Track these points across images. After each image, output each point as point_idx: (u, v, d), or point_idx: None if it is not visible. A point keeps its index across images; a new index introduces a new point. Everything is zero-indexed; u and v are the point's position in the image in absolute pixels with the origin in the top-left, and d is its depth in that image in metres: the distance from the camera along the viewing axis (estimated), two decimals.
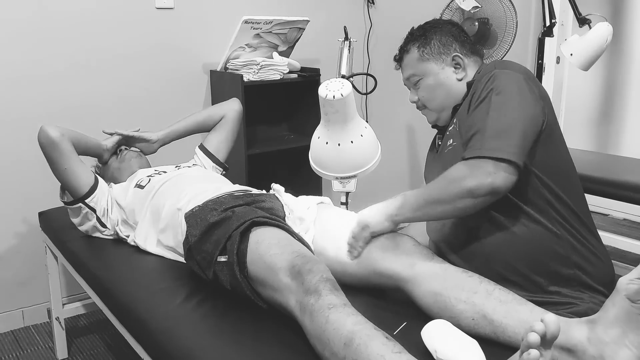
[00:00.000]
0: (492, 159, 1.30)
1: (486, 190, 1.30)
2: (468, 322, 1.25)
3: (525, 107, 1.36)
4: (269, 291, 1.32)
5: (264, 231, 1.42)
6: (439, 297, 1.30)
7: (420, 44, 1.61)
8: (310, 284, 1.20)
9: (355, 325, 1.10)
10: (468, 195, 1.31)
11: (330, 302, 1.16)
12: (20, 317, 2.51)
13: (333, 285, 1.20)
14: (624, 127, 3.71)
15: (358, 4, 3.20)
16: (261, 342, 1.25)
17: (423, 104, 1.65)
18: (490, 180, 1.29)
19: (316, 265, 1.25)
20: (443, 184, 1.35)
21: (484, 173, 1.29)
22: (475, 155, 1.32)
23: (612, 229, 3.47)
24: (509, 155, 1.30)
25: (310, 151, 1.75)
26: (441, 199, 1.34)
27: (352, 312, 1.15)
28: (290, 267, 1.26)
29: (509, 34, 2.56)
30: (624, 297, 1.06)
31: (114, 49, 2.53)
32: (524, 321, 1.18)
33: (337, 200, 1.85)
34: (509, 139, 1.32)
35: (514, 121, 1.34)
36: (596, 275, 1.42)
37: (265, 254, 1.34)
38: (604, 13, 3.40)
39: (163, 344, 1.31)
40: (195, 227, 1.53)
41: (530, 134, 1.35)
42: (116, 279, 1.63)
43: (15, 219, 2.43)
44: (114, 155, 2.10)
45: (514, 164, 1.30)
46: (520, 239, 1.40)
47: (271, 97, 2.95)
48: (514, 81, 1.40)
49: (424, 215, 1.39)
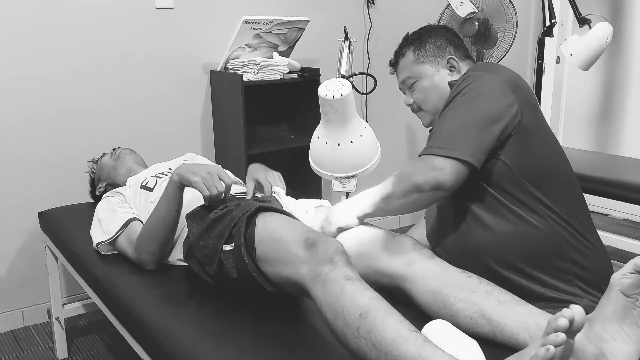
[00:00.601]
0: (440, 156, 1.35)
1: (431, 186, 1.34)
2: (467, 320, 1.25)
3: (485, 108, 1.39)
4: (277, 266, 1.32)
5: (271, 215, 1.43)
6: (437, 296, 1.30)
7: (415, 47, 1.65)
8: (325, 254, 1.21)
9: (372, 299, 1.12)
10: (415, 190, 1.36)
11: (346, 273, 1.17)
12: (20, 317, 2.51)
13: (348, 260, 1.22)
14: (623, 127, 3.71)
15: (358, 4, 3.20)
16: (261, 342, 1.25)
17: (418, 107, 1.67)
18: (434, 175, 1.33)
19: (330, 239, 1.27)
20: (396, 179, 1.41)
21: (430, 168, 1.34)
22: (426, 153, 1.38)
23: (612, 229, 3.47)
24: (457, 153, 1.34)
25: (310, 151, 1.75)
26: (394, 194, 1.40)
27: (367, 287, 1.16)
28: (304, 240, 1.27)
29: (509, 34, 2.56)
30: (618, 291, 1.07)
31: (113, 49, 2.53)
32: (522, 322, 1.19)
33: (337, 200, 1.84)
34: (462, 138, 1.36)
35: (469, 121, 1.38)
36: (593, 271, 1.43)
37: (274, 231, 1.35)
38: (604, 13, 3.41)
39: (163, 344, 1.31)
40: (195, 225, 1.53)
41: (488, 134, 1.37)
42: (116, 279, 1.63)
43: (15, 219, 2.43)
44: (107, 154, 2.13)
45: (463, 161, 1.34)
46: (512, 236, 1.41)
47: (271, 97, 2.95)
48: (483, 83, 1.42)
49: (381, 210, 1.45)
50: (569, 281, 1.41)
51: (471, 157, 1.34)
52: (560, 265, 1.41)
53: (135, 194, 1.85)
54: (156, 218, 1.61)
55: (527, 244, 1.41)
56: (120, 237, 1.71)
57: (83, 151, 2.48)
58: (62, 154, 2.47)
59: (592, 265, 1.43)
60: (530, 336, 1.17)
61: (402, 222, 3.56)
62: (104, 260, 1.75)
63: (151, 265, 1.64)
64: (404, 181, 1.38)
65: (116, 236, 1.71)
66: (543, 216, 1.41)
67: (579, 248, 1.43)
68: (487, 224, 1.44)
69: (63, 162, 2.47)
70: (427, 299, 1.32)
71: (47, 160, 2.45)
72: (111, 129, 2.57)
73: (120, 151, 2.10)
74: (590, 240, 1.46)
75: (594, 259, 1.44)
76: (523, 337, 1.18)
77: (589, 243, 1.45)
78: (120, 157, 2.08)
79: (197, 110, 2.80)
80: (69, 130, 2.48)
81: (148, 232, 1.61)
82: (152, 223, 1.61)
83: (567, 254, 1.41)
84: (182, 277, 1.61)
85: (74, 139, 2.50)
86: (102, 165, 2.13)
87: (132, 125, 2.63)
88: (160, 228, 1.60)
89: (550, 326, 0.96)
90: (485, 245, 1.44)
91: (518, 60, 3.75)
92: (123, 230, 1.71)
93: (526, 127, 1.42)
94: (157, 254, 1.62)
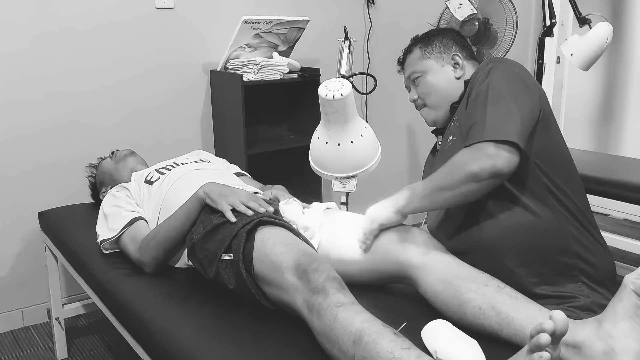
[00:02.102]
0: (492, 142, 1.31)
1: (489, 173, 1.30)
2: (475, 311, 1.25)
3: (520, 97, 1.39)
4: (275, 290, 1.33)
5: (270, 230, 1.42)
6: (448, 285, 1.31)
7: (422, 44, 1.69)
8: (317, 283, 1.20)
9: (363, 323, 1.11)
10: (472, 180, 1.32)
11: (337, 300, 1.16)
12: (20, 318, 2.51)
13: (340, 284, 1.21)
14: (624, 127, 3.71)
15: (358, 4, 3.20)
16: (261, 342, 1.25)
17: (422, 102, 1.68)
18: (492, 163, 1.30)
19: (322, 264, 1.26)
20: (447, 170, 1.37)
21: (486, 156, 1.30)
22: (476, 141, 1.34)
23: (612, 229, 3.47)
24: (509, 136, 1.31)
25: (310, 151, 1.75)
26: (446, 185, 1.35)
27: (360, 309, 1.15)
28: (296, 266, 1.27)
29: (509, 34, 2.56)
30: (631, 290, 1.09)
31: (113, 49, 2.53)
32: (531, 317, 1.19)
33: (337, 200, 1.84)
34: (509, 123, 1.34)
35: (511, 109, 1.36)
36: (597, 266, 1.43)
37: (270, 253, 1.34)
38: (604, 13, 3.40)
39: (163, 344, 1.31)
40: (199, 224, 1.53)
41: (528, 121, 1.37)
42: (116, 279, 1.63)
43: (15, 219, 2.43)
44: (107, 158, 2.12)
45: (515, 145, 1.31)
46: (520, 229, 1.41)
47: (271, 97, 2.94)
48: (509, 74, 1.44)
49: (431, 203, 1.40)
50: (573, 277, 1.41)
51: (521, 142, 1.32)
52: (566, 260, 1.41)
53: (140, 188, 1.85)
54: (169, 226, 1.59)
55: (534, 237, 1.41)
56: (124, 235, 1.71)
57: (83, 151, 2.48)
58: (62, 154, 2.47)
59: (596, 261, 1.44)
60: None
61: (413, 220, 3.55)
62: (104, 260, 1.75)
63: (151, 269, 1.63)
64: (456, 171, 1.33)
65: (120, 234, 1.71)
66: (551, 208, 1.41)
67: (585, 243, 1.43)
68: (494, 214, 1.43)
69: (63, 162, 2.47)
70: (437, 287, 1.33)
71: (47, 160, 2.45)
72: (111, 129, 2.57)
73: (119, 152, 2.09)
74: (595, 235, 1.47)
75: (598, 255, 1.45)
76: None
77: (594, 238, 1.46)
78: (122, 160, 2.07)
79: (197, 110, 2.80)
80: (69, 130, 2.48)
81: (157, 237, 1.61)
82: (164, 230, 1.60)
83: (573, 249, 1.41)
84: (182, 278, 1.60)
85: (74, 139, 2.49)
86: (103, 170, 2.11)
87: (132, 126, 2.63)
88: (171, 237, 1.59)
89: (533, 342, 0.96)
90: (491, 237, 1.44)
91: (518, 60, 3.71)
92: (127, 228, 1.71)
93: (546, 117, 1.43)
94: (160, 259, 1.62)
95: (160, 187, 1.78)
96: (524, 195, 1.41)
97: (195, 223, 1.57)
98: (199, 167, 1.87)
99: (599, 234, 1.50)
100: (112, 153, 2.12)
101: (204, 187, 1.57)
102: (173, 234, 1.59)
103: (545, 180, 1.42)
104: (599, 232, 1.51)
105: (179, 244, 1.61)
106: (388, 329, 1.10)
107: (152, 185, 1.81)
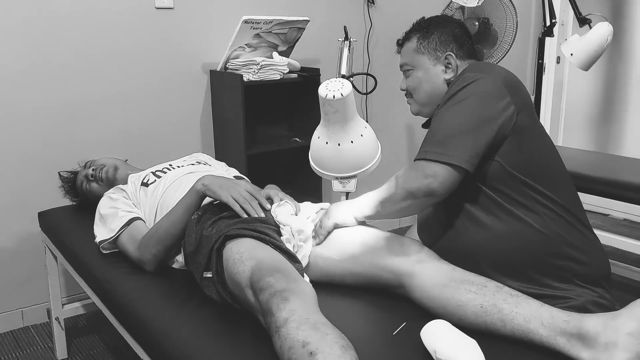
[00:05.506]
0: (433, 162, 1.36)
1: (424, 193, 1.37)
2: (476, 309, 1.25)
3: (481, 111, 1.40)
4: (249, 309, 1.32)
5: (233, 246, 1.39)
6: (446, 288, 1.31)
7: (420, 35, 1.66)
8: (264, 304, 1.18)
9: (307, 338, 1.06)
10: (409, 197, 1.39)
11: (283, 317, 1.11)
12: (19, 318, 2.51)
13: (283, 296, 1.16)
14: (624, 127, 3.71)
15: (358, 4, 3.20)
16: (261, 343, 1.25)
17: (410, 94, 1.70)
18: (427, 183, 1.36)
19: (265, 278, 1.22)
20: (391, 184, 1.44)
21: (423, 175, 1.36)
22: (419, 158, 1.40)
23: (612, 229, 3.47)
24: (450, 158, 1.35)
25: (310, 151, 1.74)
26: (389, 198, 1.44)
27: (303, 321, 1.09)
28: (250, 285, 1.25)
29: (509, 34, 2.56)
30: None
31: (113, 49, 2.53)
32: (535, 311, 1.20)
33: (337, 200, 1.84)
34: (456, 142, 1.37)
35: (464, 125, 1.39)
36: (591, 265, 1.44)
37: (232, 272, 1.33)
38: (604, 13, 3.41)
39: (162, 344, 1.30)
40: (191, 235, 1.54)
41: (483, 138, 1.38)
42: (116, 279, 1.63)
43: (15, 219, 2.43)
44: (93, 182, 2.03)
45: (456, 167, 1.35)
46: (508, 236, 1.42)
47: (271, 97, 2.94)
48: (479, 85, 1.43)
49: (378, 213, 1.48)
50: (566, 279, 1.41)
51: (465, 163, 1.35)
52: (558, 263, 1.41)
53: (136, 190, 1.85)
54: (168, 222, 1.59)
55: (524, 243, 1.41)
56: (123, 235, 1.71)
57: (83, 151, 2.48)
58: (62, 154, 2.47)
59: (589, 260, 1.44)
60: (543, 324, 1.17)
61: (402, 223, 3.55)
62: (104, 260, 1.75)
63: (151, 267, 1.63)
64: (398, 187, 1.41)
65: (118, 234, 1.71)
66: (540, 214, 1.42)
67: (576, 244, 1.43)
68: (483, 223, 1.44)
69: (63, 162, 2.47)
70: (433, 291, 1.32)
71: (47, 160, 2.45)
72: (111, 129, 2.57)
73: (107, 174, 2.00)
74: (586, 234, 1.47)
75: (591, 253, 1.45)
76: (535, 325, 1.18)
77: (585, 237, 1.46)
78: (109, 178, 1.99)
79: (197, 110, 2.80)
80: (69, 130, 2.48)
81: (157, 234, 1.60)
82: (164, 226, 1.60)
83: (565, 252, 1.42)
84: (182, 278, 1.60)
85: (74, 139, 2.49)
86: (93, 192, 2.03)
87: (132, 125, 2.63)
88: (171, 233, 1.59)
89: None
90: (481, 245, 1.44)
91: (518, 60, 3.74)
92: (125, 228, 1.71)
93: (521, 127, 1.43)
94: (160, 256, 1.62)
95: (156, 190, 1.78)
96: (510, 205, 1.42)
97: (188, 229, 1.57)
98: (195, 169, 1.88)
99: (591, 231, 1.50)
100: (85, 165, 2.06)
101: (202, 180, 1.56)
102: (172, 230, 1.59)
103: (526, 188, 1.42)
104: (591, 229, 1.51)
105: (179, 240, 1.61)
106: (331, 334, 1.06)
107: (148, 187, 1.81)
